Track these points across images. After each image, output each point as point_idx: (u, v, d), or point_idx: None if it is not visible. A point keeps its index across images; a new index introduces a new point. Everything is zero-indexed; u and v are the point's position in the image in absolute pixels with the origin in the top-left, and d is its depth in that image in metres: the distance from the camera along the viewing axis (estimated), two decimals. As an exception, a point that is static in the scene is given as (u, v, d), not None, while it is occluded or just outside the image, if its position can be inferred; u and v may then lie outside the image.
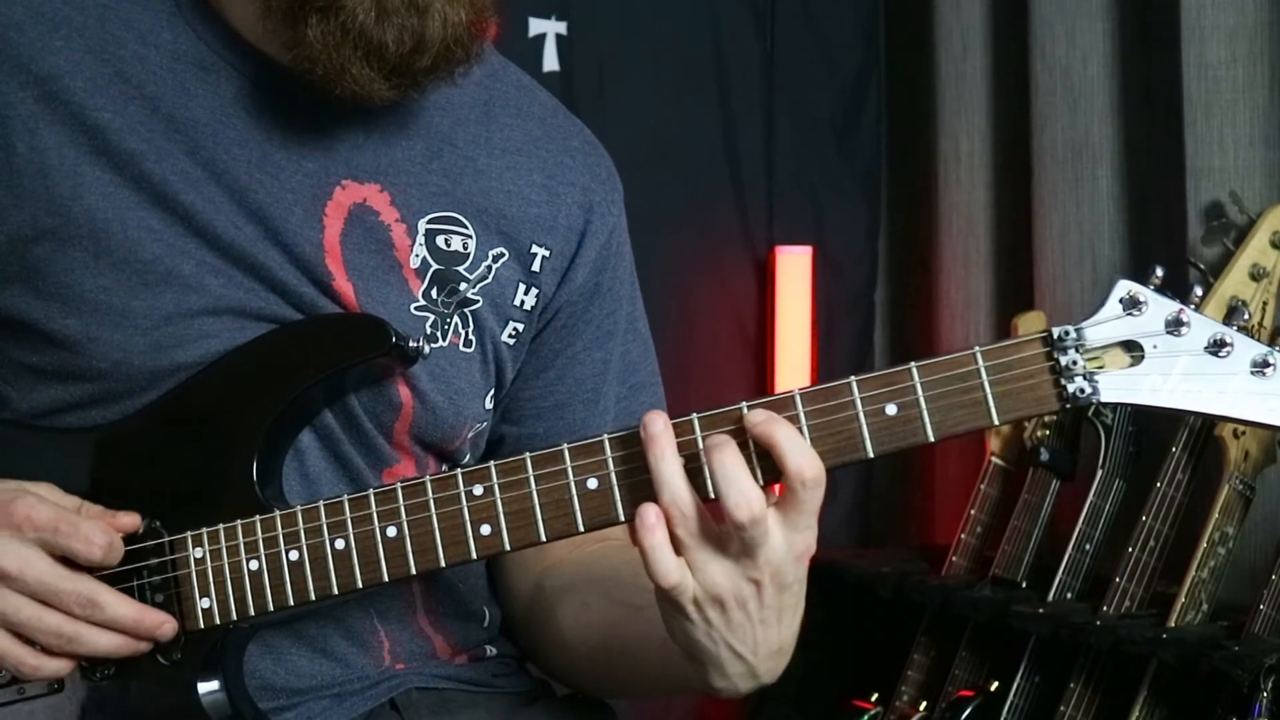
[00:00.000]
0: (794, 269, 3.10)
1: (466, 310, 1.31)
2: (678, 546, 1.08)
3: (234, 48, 1.26)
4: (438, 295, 1.30)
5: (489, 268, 1.32)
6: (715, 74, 3.06)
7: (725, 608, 1.09)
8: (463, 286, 1.31)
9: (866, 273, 3.25)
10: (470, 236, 1.31)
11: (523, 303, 1.34)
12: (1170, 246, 2.43)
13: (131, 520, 1.21)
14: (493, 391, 1.35)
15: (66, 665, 1.20)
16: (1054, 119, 2.68)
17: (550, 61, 2.86)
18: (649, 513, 1.07)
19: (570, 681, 1.43)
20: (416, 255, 1.29)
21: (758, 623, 1.10)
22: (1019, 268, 2.85)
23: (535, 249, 1.34)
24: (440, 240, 1.30)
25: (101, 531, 1.17)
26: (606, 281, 1.40)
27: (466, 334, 1.31)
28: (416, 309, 1.29)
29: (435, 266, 1.30)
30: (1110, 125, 2.63)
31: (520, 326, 1.35)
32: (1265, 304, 2.14)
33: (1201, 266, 2.24)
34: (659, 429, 1.08)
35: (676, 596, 1.08)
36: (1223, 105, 2.36)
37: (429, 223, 1.30)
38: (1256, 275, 2.14)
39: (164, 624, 1.20)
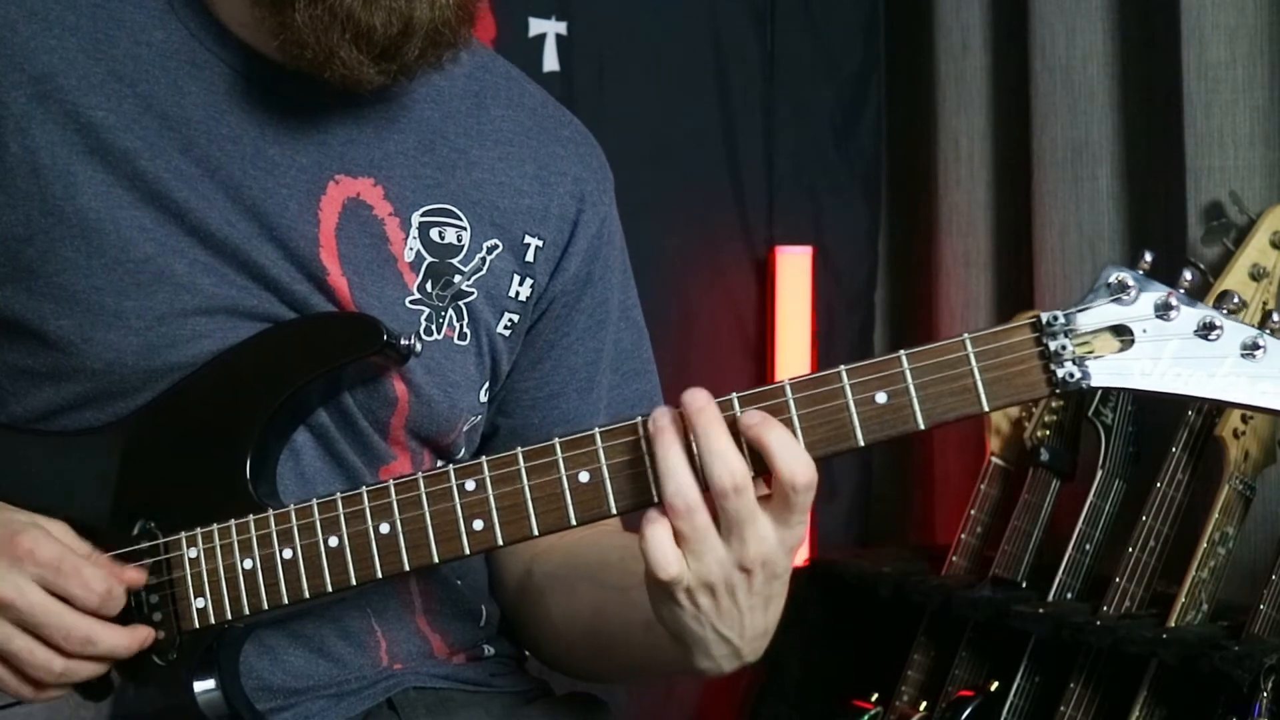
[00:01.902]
0: (794, 269, 3.10)
1: (461, 303, 1.31)
2: (678, 538, 1.08)
3: (226, 44, 1.26)
4: (432, 289, 1.30)
5: (483, 259, 1.32)
6: (715, 74, 3.06)
7: (715, 595, 1.10)
8: (457, 279, 1.31)
9: (866, 273, 3.25)
10: (464, 229, 1.31)
11: (517, 294, 1.34)
12: (1170, 246, 2.43)
13: (137, 575, 1.21)
14: (487, 384, 1.36)
15: (62, 693, 1.20)
16: (1054, 119, 2.68)
17: (550, 61, 2.86)
18: (653, 508, 1.09)
19: (561, 666, 1.43)
20: (410, 249, 1.29)
21: (746, 609, 1.11)
22: (1019, 268, 2.85)
23: (528, 239, 1.35)
24: (434, 233, 1.30)
25: (102, 579, 1.17)
26: (599, 270, 1.40)
27: (461, 327, 1.31)
28: (411, 302, 1.29)
29: (429, 259, 1.30)
30: (1110, 125, 2.63)
31: (515, 317, 1.35)
32: (1265, 304, 2.14)
33: (1201, 266, 2.24)
34: (666, 423, 1.08)
35: (670, 587, 1.09)
36: (1223, 105, 2.36)
37: (422, 215, 1.30)
38: (1256, 275, 2.14)
39: (148, 638, 1.21)
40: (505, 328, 1.34)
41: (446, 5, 1.19)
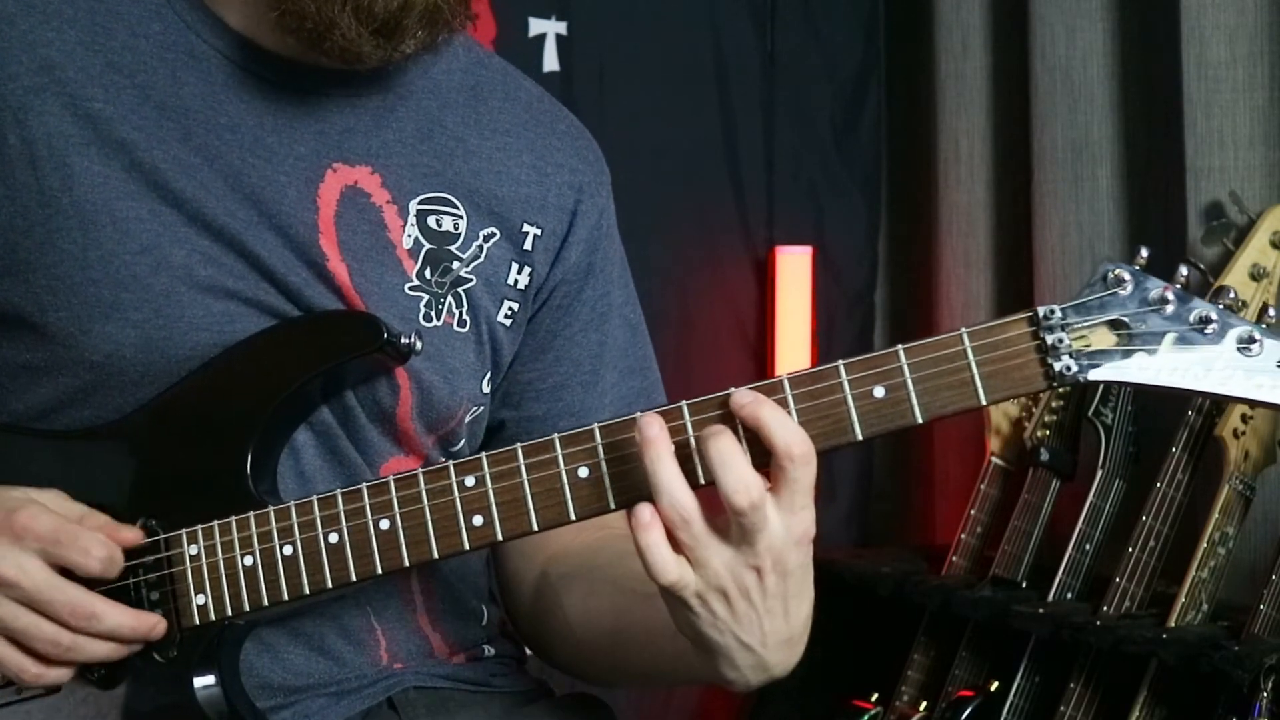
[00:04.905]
0: (794, 269, 3.10)
1: (460, 290, 1.32)
2: (678, 547, 1.07)
3: (222, 35, 1.27)
4: (431, 275, 1.30)
5: (480, 247, 1.33)
6: (715, 74, 3.06)
7: (729, 598, 1.09)
8: (455, 265, 1.31)
9: (866, 273, 3.25)
10: (461, 217, 1.32)
11: (516, 281, 1.35)
12: (1170, 246, 2.43)
13: (134, 534, 1.21)
14: (489, 374, 1.36)
15: (67, 674, 1.20)
16: (1054, 119, 2.68)
17: (550, 61, 2.87)
18: (644, 511, 1.07)
19: (579, 672, 1.42)
20: (408, 236, 1.30)
21: (764, 613, 1.10)
22: (1019, 268, 2.85)
23: (526, 228, 1.35)
24: (431, 220, 1.31)
25: (100, 544, 1.17)
26: (598, 263, 1.41)
27: (460, 314, 1.32)
28: (411, 289, 1.29)
29: (427, 246, 1.31)
30: (1110, 125, 2.63)
31: (516, 306, 1.35)
32: (1265, 304, 2.14)
33: (1201, 266, 2.24)
34: (654, 432, 1.07)
35: (678, 592, 1.08)
36: (1223, 105, 2.36)
37: (420, 203, 1.31)
38: (1256, 275, 2.14)
39: (156, 626, 1.20)
40: (505, 316, 1.35)
41: None
